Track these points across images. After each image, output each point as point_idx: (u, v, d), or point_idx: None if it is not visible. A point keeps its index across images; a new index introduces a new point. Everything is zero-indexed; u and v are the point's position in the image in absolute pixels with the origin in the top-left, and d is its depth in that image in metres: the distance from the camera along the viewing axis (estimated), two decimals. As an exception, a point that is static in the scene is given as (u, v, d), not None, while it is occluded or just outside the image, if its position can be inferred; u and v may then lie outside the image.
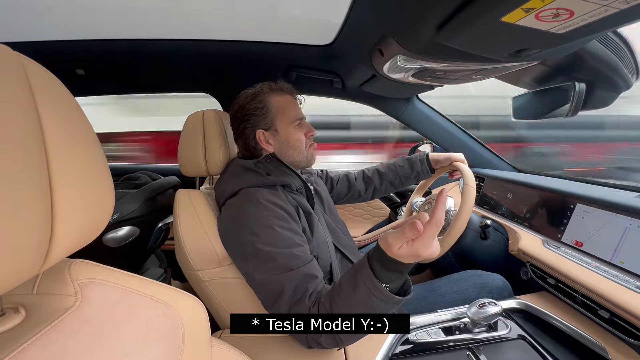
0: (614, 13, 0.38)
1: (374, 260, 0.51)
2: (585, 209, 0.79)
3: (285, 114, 0.76)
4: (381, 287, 0.50)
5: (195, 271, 0.71)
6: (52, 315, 0.26)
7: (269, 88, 0.77)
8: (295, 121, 0.77)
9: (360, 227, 1.57)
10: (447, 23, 0.51)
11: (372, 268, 0.51)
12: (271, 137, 0.76)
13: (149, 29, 0.94)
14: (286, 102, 0.77)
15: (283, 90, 0.78)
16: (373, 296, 0.51)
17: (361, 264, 0.53)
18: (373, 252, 0.53)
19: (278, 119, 0.76)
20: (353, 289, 0.53)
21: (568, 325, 0.67)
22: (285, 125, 0.76)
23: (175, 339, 0.35)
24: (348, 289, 0.54)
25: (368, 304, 0.52)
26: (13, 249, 0.20)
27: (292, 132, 0.77)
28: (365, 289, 0.51)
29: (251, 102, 0.75)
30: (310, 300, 0.58)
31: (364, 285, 0.51)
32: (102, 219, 0.29)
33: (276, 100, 0.76)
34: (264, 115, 0.75)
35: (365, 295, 0.51)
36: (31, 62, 0.24)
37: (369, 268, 0.51)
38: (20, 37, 0.93)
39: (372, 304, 0.51)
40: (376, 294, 0.50)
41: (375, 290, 0.50)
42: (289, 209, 0.69)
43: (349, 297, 0.53)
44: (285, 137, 0.76)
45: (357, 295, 0.52)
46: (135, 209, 0.94)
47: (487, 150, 1.40)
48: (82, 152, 0.27)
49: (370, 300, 0.51)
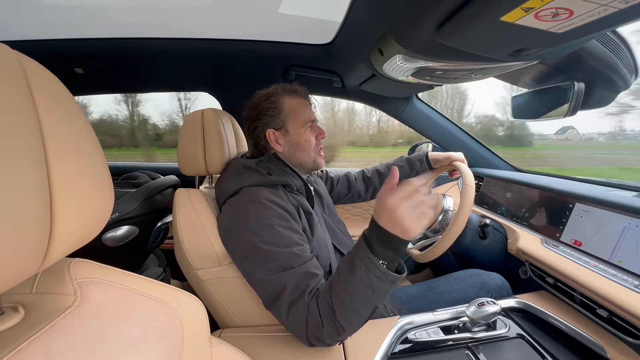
0: (613, 13, 0.38)
1: (370, 237, 0.55)
2: (584, 209, 0.79)
3: (297, 115, 0.77)
4: (378, 263, 0.53)
5: (194, 270, 0.71)
6: (51, 315, 0.26)
7: (283, 89, 0.78)
8: (306, 123, 0.78)
9: (360, 227, 1.56)
10: (446, 22, 0.51)
11: (368, 246, 0.54)
12: (281, 137, 0.77)
13: (149, 28, 0.93)
14: (299, 104, 0.78)
15: (297, 92, 0.79)
16: (371, 273, 0.53)
17: (358, 244, 0.56)
18: (368, 229, 0.56)
19: (290, 120, 0.77)
20: (351, 271, 0.54)
21: (567, 324, 0.67)
22: (296, 126, 0.77)
23: (174, 338, 0.35)
24: (346, 272, 0.55)
25: (367, 284, 0.53)
26: (12, 248, 0.20)
27: (302, 133, 0.78)
28: (363, 267, 0.53)
29: (265, 102, 0.77)
30: (310, 296, 0.59)
31: (361, 264, 0.53)
32: (101, 218, 0.29)
33: (289, 101, 0.77)
34: (276, 115, 0.76)
35: (363, 274, 0.53)
36: (30, 61, 0.24)
37: (366, 246, 0.54)
38: (19, 36, 0.93)
39: (370, 282, 0.53)
40: (374, 271, 0.53)
41: (373, 267, 0.52)
42: (289, 209, 0.69)
43: (347, 279, 0.55)
44: (296, 138, 0.77)
45: (356, 276, 0.54)
46: (134, 208, 0.94)
47: (487, 149, 1.40)
48: (81, 151, 0.27)
49: (369, 279, 0.53)
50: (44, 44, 0.97)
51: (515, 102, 1.03)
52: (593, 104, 0.85)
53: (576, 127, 13.13)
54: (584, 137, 16.17)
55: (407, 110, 1.39)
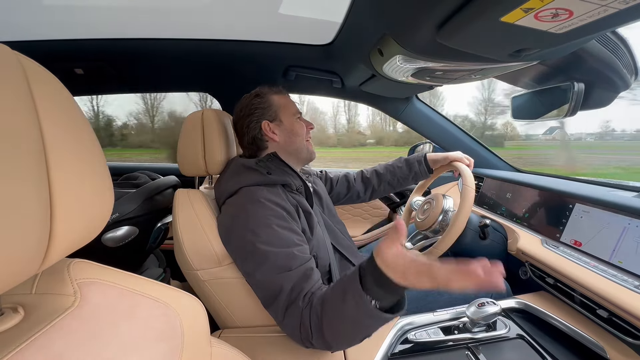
0: (613, 13, 0.38)
1: (367, 273, 0.50)
2: (584, 209, 0.79)
3: (287, 108, 0.82)
4: (369, 304, 0.48)
5: (194, 271, 0.71)
6: (51, 315, 0.26)
7: (269, 88, 0.83)
8: (296, 114, 0.84)
9: (359, 227, 1.57)
10: (446, 23, 0.51)
11: (362, 282, 0.50)
12: (276, 127, 0.80)
13: (148, 28, 0.94)
14: (285, 99, 0.84)
15: (281, 92, 0.84)
16: (360, 310, 0.49)
17: (352, 276, 0.52)
18: (366, 263, 0.51)
19: (281, 112, 0.81)
20: (342, 301, 0.51)
21: (567, 325, 0.67)
22: (288, 116, 0.82)
23: (174, 339, 0.35)
24: (338, 299, 0.53)
25: (356, 318, 0.50)
26: (12, 249, 0.20)
27: (295, 121, 0.82)
28: (353, 302, 0.49)
29: (255, 98, 0.81)
30: (304, 302, 0.58)
31: (352, 299, 0.50)
32: (101, 218, 0.29)
33: (276, 97, 0.82)
34: (268, 108, 0.80)
35: (353, 308, 0.50)
36: (30, 61, 0.24)
37: (359, 282, 0.50)
38: (19, 37, 0.93)
39: (360, 317, 0.50)
40: (363, 308, 0.49)
41: (362, 305, 0.49)
42: (288, 208, 0.69)
43: (338, 307, 0.52)
44: (290, 126, 0.81)
45: (346, 307, 0.51)
46: (134, 209, 0.94)
47: (486, 150, 1.40)
48: (81, 151, 0.27)
49: (358, 314, 0.50)
50: (44, 44, 0.97)
51: (515, 103, 1.03)
52: (593, 105, 0.85)
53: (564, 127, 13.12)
54: (573, 137, 16.14)
55: (407, 111, 1.39)
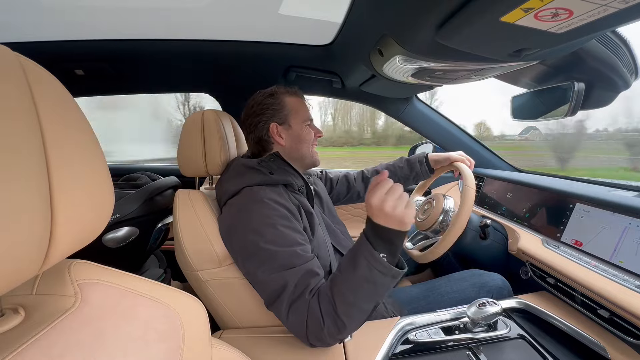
0: (613, 13, 0.38)
1: (369, 234, 0.57)
2: (584, 209, 0.79)
3: (298, 112, 0.82)
4: (380, 258, 0.55)
5: (195, 271, 0.71)
6: (51, 316, 0.26)
7: (285, 90, 0.83)
8: (306, 120, 0.83)
9: (360, 227, 1.55)
10: (446, 23, 0.51)
11: (369, 242, 0.56)
12: (284, 131, 0.80)
13: (149, 29, 0.94)
14: (299, 103, 0.83)
15: (297, 94, 0.84)
16: (374, 268, 0.55)
17: (359, 242, 0.59)
18: (365, 227, 0.59)
19: (292, 116, 0.81)
20: (354, 268, 0.56)
21: (568, 325, 0.67)
22: (298, 122, 0.81)
23: (175, 339, 0.35)
24: (349, 269, 0.57)
25: (370, 279, 0.55)
26: (12, 250, 0.20)
27: (304, 128, 0.82)
28: (366, 263, 0.55)
29: (268, 98, 0.80)
30: (311, 295, 0.59)
31: (364, 260, 0.55)
32: (101, 219, 0.29)
33: (291, 100, 0.82)
34: (279, 110, 0.80)
35: (366, 269, 0.55)
36: (30, 62, 0.24)
37: (367, 242, 0.56)
38: (19, 37, 0.93)
39: (373, 277, 0.55)
40: (376, 265, 0.55)
41: (375, 262, 0.55)
42: (291, 208, 0.69)
43: (350, 275, 0.57)
44: (298, 132, 0.81)
45: (359, 272, 0.56)
46: (134, 210, 0.94)
47: (487, 150, 1.40)
48: (82, 152, 0.27)
49: (371, 274, 0.55)
50: (44, 45, 0.97)
51: (515, 103, 1.03)
52: (593, 104, 0.85)
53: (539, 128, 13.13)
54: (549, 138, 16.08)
55: (407, 111, 1.39)
